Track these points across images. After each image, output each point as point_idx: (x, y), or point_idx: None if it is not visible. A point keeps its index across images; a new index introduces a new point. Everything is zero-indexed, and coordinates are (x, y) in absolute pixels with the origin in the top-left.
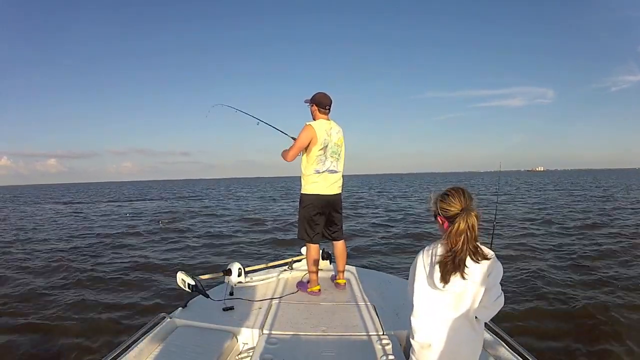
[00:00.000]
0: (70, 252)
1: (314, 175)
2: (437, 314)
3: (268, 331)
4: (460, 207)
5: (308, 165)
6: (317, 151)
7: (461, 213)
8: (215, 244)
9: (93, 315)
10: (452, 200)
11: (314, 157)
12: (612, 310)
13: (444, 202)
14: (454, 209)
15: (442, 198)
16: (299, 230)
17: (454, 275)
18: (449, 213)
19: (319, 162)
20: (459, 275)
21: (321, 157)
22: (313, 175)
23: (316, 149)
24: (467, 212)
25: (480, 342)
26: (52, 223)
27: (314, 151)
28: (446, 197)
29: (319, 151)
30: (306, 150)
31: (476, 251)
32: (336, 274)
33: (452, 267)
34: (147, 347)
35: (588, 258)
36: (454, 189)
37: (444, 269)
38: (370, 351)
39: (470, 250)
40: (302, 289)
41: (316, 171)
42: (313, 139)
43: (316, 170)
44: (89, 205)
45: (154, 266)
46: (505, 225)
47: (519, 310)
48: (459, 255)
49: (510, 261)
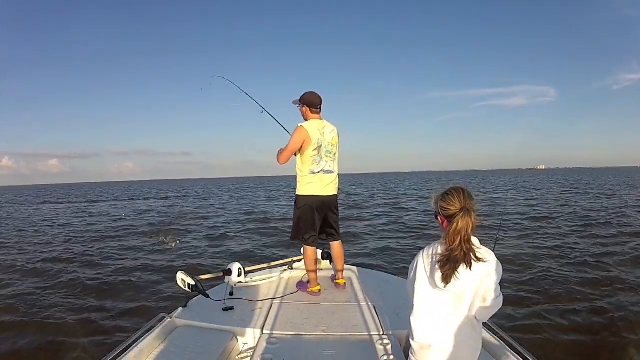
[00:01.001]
0: (70, 252)
1: (309, 176)
2: (437, 313)
3: (268, 331)
4: (459, 206)
5: (303, 166)
6: (311, 151)
7: (460, 212)
8: (216, 243)
9: (93, 315)
10: (451, 199)
11: (309, 158)
12: (614, 311)
13: (444, 201)
14: (453, 208)
15: (443, 197)
16: (293, 231)
17: (454, 274)
18: (448, 212)
19: (314, 162)
20: (455, 274)
21: (316, 158)
22: (308, 176)
23: (310, 150)
24: (465, 211)
25: (480, 342)
26: (52, 223)
27: (309, 152)
28: (446, 196)
29: (313, 151)
30: (300, 151)
31: (471, 250)
32: (336, 274)
33: (448, 266)
34: (147, 347)
35: (593, 256)
36: (454, 188)
37: (443, 268)
38: (371, 351)
39: (465, 249)
40: (302, 289)
41: (311, 172)
42: (306, 140)
43: (311, 171)
44: (90, 205)
45: (154, 266)
46: (507, 225)
47: (520, 310)
48: (454, 254)
49: (512, 261)
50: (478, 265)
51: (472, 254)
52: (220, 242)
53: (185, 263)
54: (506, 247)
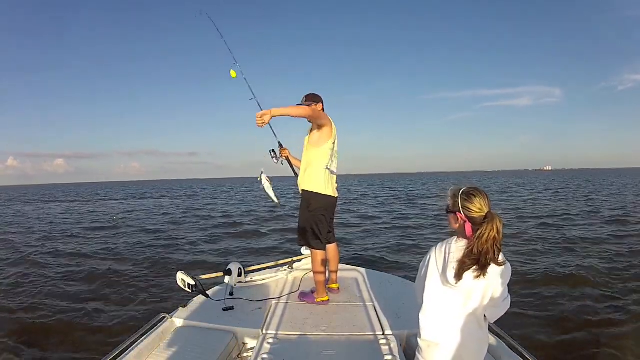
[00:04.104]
0: (69, 252)
1: (323, 171)
2: (446, 311)
3: (268, 331)
4: (486, 210)
5: (320, 159)
6: (330, 144)
7: (488, 217)
8: (216, 243)
9: (93, 315)
10: (477, 201)
11: (327, 151)
12: (617, 312)
13: (469, 202)
14: (479, 212)
15: (467, 197)
16: (308, 236)
17: (474, 273)
18: (472, 214)
19: (330, 158)
20: (482, 276)
21: (331, 153)
22: (323, 170)
23: (330, 143)
24: (493, 216)
25: (487, 342)
26: (51, 223)
27: (328, 144)
28: (472, 197)
29: (332, 144)
30: (319, 142)
31: (499, 254)
32: (329, 278)
33: (476, 269)
34: (147, 347)
35: (596, 255)
36: (477, 189)
37: (461, 267)
38: (371, 351)
39: (495, 254)
40: (309, 300)
41: (326, 167)
42: (330, 129)
43: (326, 167)
44: (90, 205)
45: (154, 266)
46: (511, 225)
47: (523, 311)
48: (484, 258)
49: (517, 262)
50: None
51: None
52: (221, 242)
53: (185, 263)
54: (508, 245)
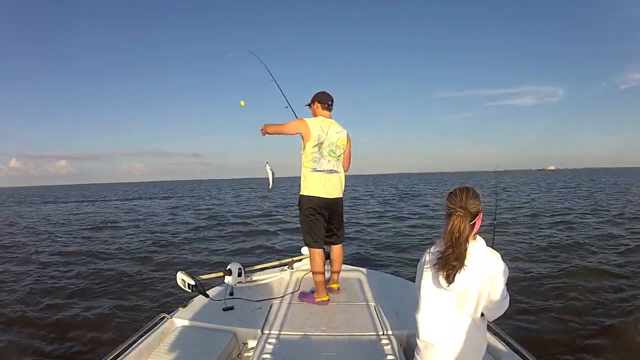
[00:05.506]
0: (70, 252)
1: (311, 173)
2: (441, 312)
3: (268, 331)
4: (457, 205)
5: (305, 161)
6: (310, 148)
7: (455, 212)
8: (216, 243)
9: (92, 315)
10: (453, 198)
11: (309, 154)
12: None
13: (448, 200)
14: (451, 207)
15: (448, 196)
16: (304, 235)
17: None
18: (448, 211)
19: (314, 160)
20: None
21: (316, 155)
22: (311, 173)
23: (310, 145)
24: (460, 211)
25: (485, 342)
26: (52, 223)
27: (308, 147)
28: (450, 195)
29: (313, 148)
30: (303, 146)
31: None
32: (330, 277)
33: (441, 266)
34: (147, 347)
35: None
36: (459, 188)
37: (441, 268)
38: (370, 351)
39: (457, 250)
40: (309, 300)
41: (313, 169)
42: (304, 133)
43: (313, 169)
44: (91, 206)
45: (154, 266)
46: (511, 226)
47: (523, 311)
48: (445, 254)
49: (516, 261)
50: (482, 267)
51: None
52: (221, 242)
53: (185, 263)
54: (508, 245)
